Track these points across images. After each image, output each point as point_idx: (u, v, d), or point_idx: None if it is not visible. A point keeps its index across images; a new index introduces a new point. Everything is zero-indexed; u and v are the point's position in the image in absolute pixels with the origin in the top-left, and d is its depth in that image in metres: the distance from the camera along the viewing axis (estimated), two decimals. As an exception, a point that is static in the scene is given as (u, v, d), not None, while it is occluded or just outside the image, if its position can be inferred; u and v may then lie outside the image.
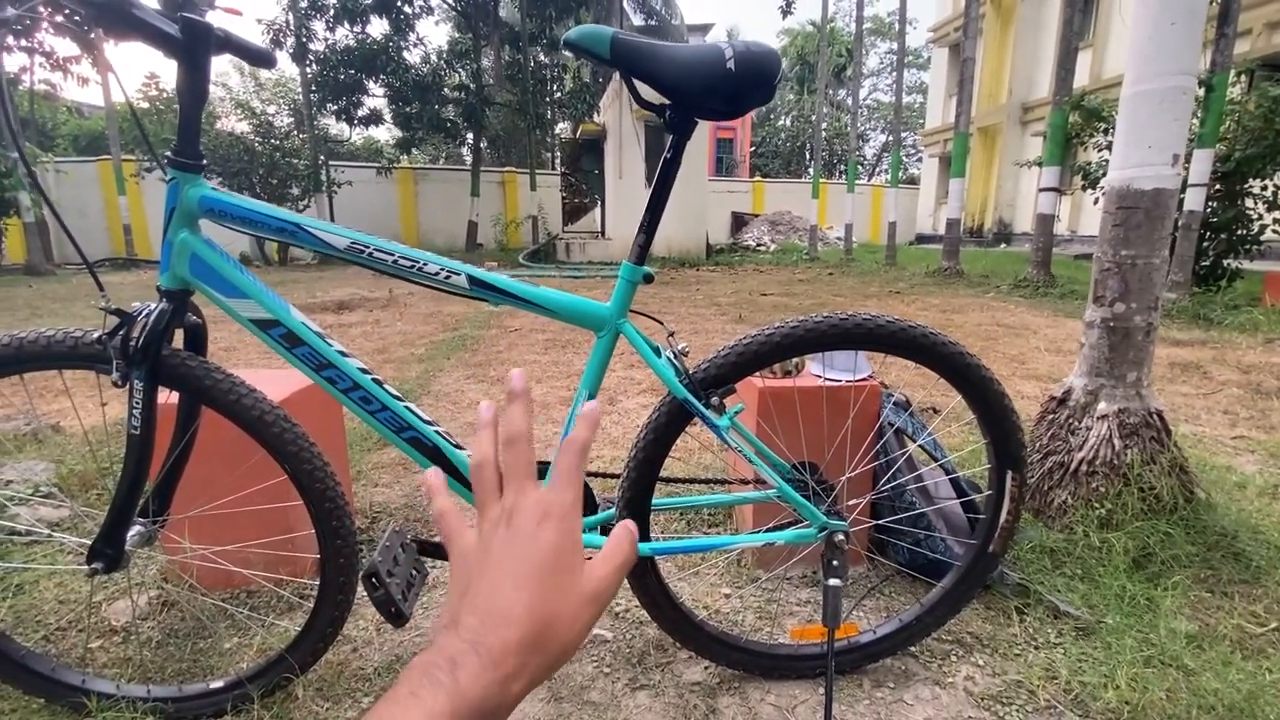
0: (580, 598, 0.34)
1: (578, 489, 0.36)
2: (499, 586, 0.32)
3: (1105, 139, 7.05)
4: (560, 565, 0.34)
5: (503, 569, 0.33)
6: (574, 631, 0.33)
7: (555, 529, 0.34)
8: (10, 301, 6.85)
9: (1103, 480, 1.58)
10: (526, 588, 0.32)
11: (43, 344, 0.92)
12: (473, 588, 0.33)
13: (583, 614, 0.34)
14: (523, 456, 0.36)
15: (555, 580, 0.33)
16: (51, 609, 1.41)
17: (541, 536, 0.34)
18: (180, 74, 0.84)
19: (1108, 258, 1.61)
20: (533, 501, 0.35)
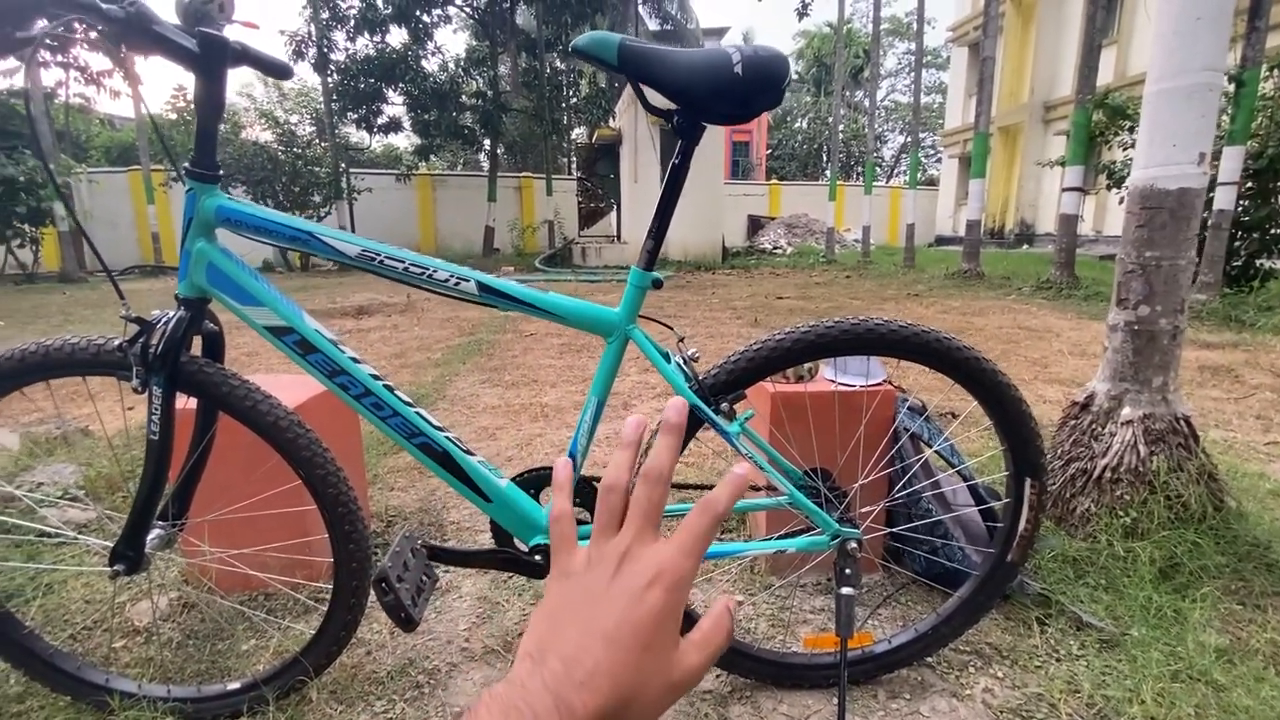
0: (665, 682, 0.31)
1: (699, 559, 0.33)
2: (591, 639, 0.30)
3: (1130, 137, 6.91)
4: (658, 640, 0.31)
5: (600, 622, 0.31)
6: (649, 715, 0.31)
7: (663, 598, 0.31)
8: (45, 308, 7.05)
9: (1127, 488, 1.54)
10: (619, 654, 0.30)
11: (67, 351, 0.94)
12: (565, 624, 0.31)
13: (662, 700, 0.31)
14: (656, 498, 0.34)
15: (648, 655, 0.30)
16: (78, 609, 1.45)
17: (647, 600, 0.31)
18: (198, 87, 0.86)
19: (1131, 259, 1.58)
20: (650, 554, 0.32)
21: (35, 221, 10.58)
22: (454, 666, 1.26)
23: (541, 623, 0.32)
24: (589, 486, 1.10)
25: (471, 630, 1.37)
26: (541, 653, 0.31)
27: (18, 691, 1.18)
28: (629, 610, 0.31)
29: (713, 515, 0.34)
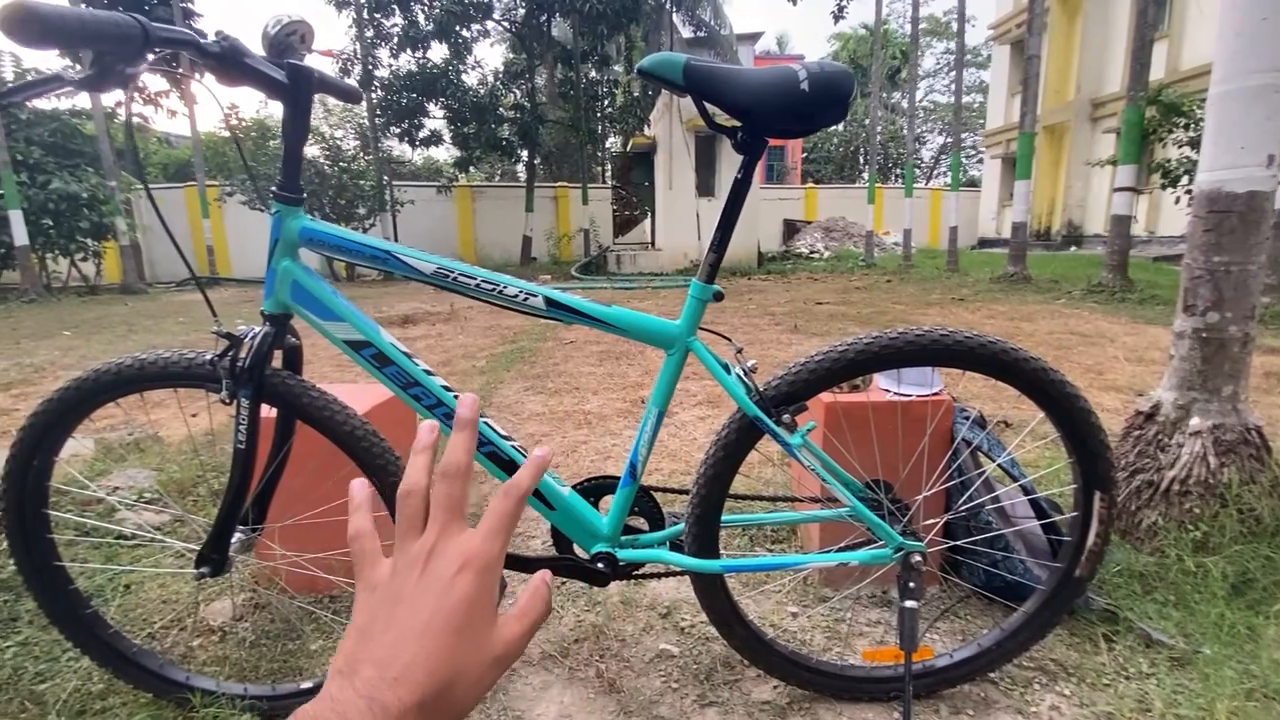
0: (486, 659, 0.32)
1: (505, 539, 0.34)
2: (403, 639, 0.30)
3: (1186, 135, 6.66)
4: (471, 623, 0.32)
5: (411, 619, 0.31)
6: (473, 694, 0.31)
7: (473, 581, 0.32)
8: (109, 319, 7.42)
9: (1197, 501, 1.49)
10: (432, 645, 0.30)
11: (161, 365, 1.00)
12: (376, 633, 0.31)
13: (485, 677, 0.32)
14: (456, 493, 0.34)
15: (463, 639, 0.31)
16: (155, 609, 1.52)
17: (456, 587, 0.32)
18: (286, 115, 0.91)
19: (1198, 264, 1.53)
20: (454, 546, 0.33)
21: (98, 236, 11.16)
22: (513, 671, 1.29)
23: (350, 639, 0.32)
24: (649, 496, 1.12)
25: (528, 635, 1.40)
26: (352, 665, 0.31)
27: (101, 689, 1.25)
28: (439, 600, 0.31)
29: (515, 497, 0.35)
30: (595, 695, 1.22)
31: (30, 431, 1.03)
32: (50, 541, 1.13)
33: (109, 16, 0.72)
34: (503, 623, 0.34)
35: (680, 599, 1.50)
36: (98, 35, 0.70)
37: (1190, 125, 6.74)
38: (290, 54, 0.94)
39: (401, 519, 0.35)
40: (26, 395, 3.68)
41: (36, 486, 1.08)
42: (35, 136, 10.48)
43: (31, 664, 1.30)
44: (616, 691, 1.22)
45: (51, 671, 1.28)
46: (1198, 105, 6.89)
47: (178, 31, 0.79)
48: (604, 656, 1.32)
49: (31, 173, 10.07)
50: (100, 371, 1.03)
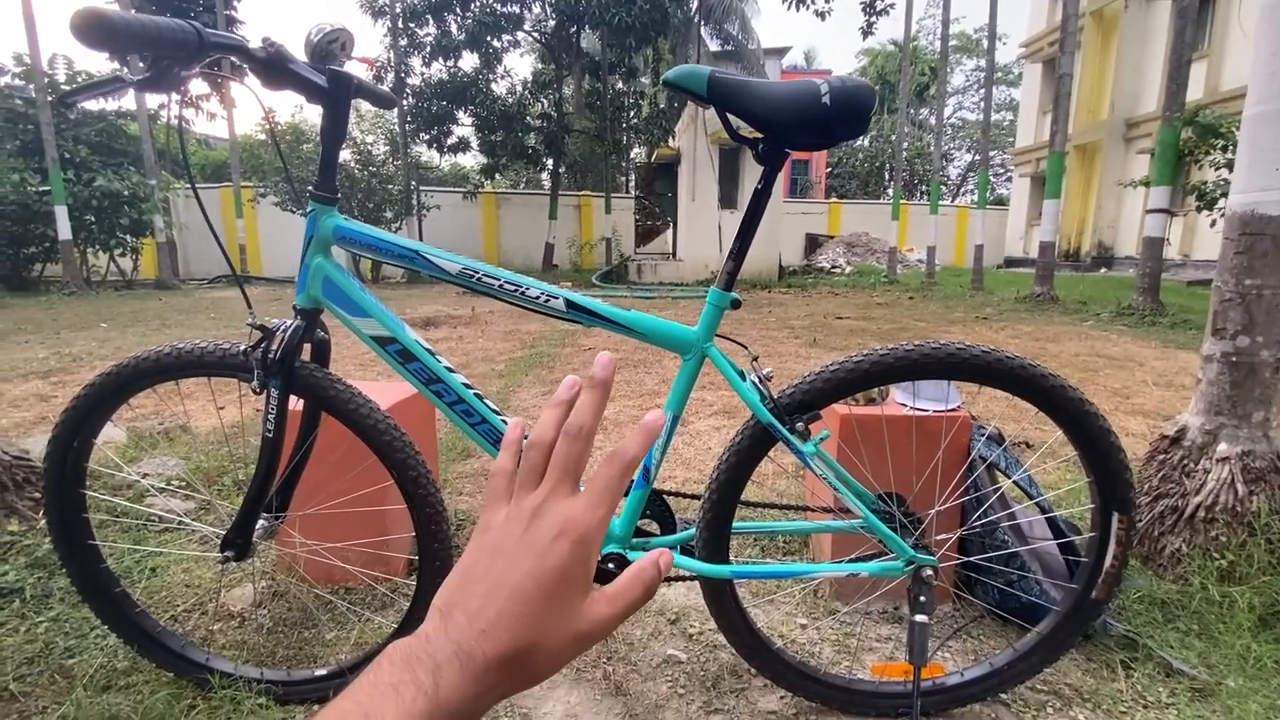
0: (571, 633, 0.32)
1: (609, 508, 0.33)
2: (497, 590, 0.31)
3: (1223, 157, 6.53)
4: (562, 592, 0.31)
5: (505, 574, 0.31)
6: (552, 665, 0.32)
7: (569, 550, 0.32)
8: (143, 313, 7.64)
9: (1223, 528, 1.45)
10: (520, 605, 0.31)
11: (197, 354, 1.04)
12: (474, 579, 0.32)
13: (567, 650, 0.32)
14: (574, 453, 0.34)
15: (552, 606, 0.31)
16: (179, 592, 1.57)
17: (553, 553, 0.32)
18: (325, 119, 0.94)
19: (1229, 287, 1.50)
20: (559, 509, 0.33)
21: (136, 233, 11.51)
22: (521, 669, 1.30)
23: (454, 579, 0.33)
24: (661, 500, 1.13)
25: (538, 635, 1.41)
26: (449, 607, 0.31)
27: (125, 666, 1.29)
28: (535, 562, 0.31)
29: (621, 464, 0.34)
30: (602, 697, 1.23)
31: (73, 414, 1.08)
32: (85, 521, 1.17)
33: (168, 23, 0.76)
34: (594, 599, 0.33)
35: (689, 605, 1.51)
36: (158, 40, 0.75)
37: (1228, 147, 6.61)
38: (331, 60, 0.98)
39: (523, 470, 0.35)
40: (65, 383, 3.81)
41: (75, 467, 1.12)
42: (82, 136, 10.88)
43: (62, 639, 1.34)
44: (623, 694, 1.23)
45: (80, 647, 1.33)
46: (1235, 127, 6.75)
47: (229, 38, 0.83)
48: (611, 659, 1.33)
49: (77, 170, 10.44)
50: (140, 359, 1.07)
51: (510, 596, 0.31)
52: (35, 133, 9.91)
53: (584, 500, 0.33)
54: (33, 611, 1.43)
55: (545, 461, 0.35)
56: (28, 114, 10.20)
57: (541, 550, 0.32)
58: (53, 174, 9.57)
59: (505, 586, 0.31)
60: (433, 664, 0.29)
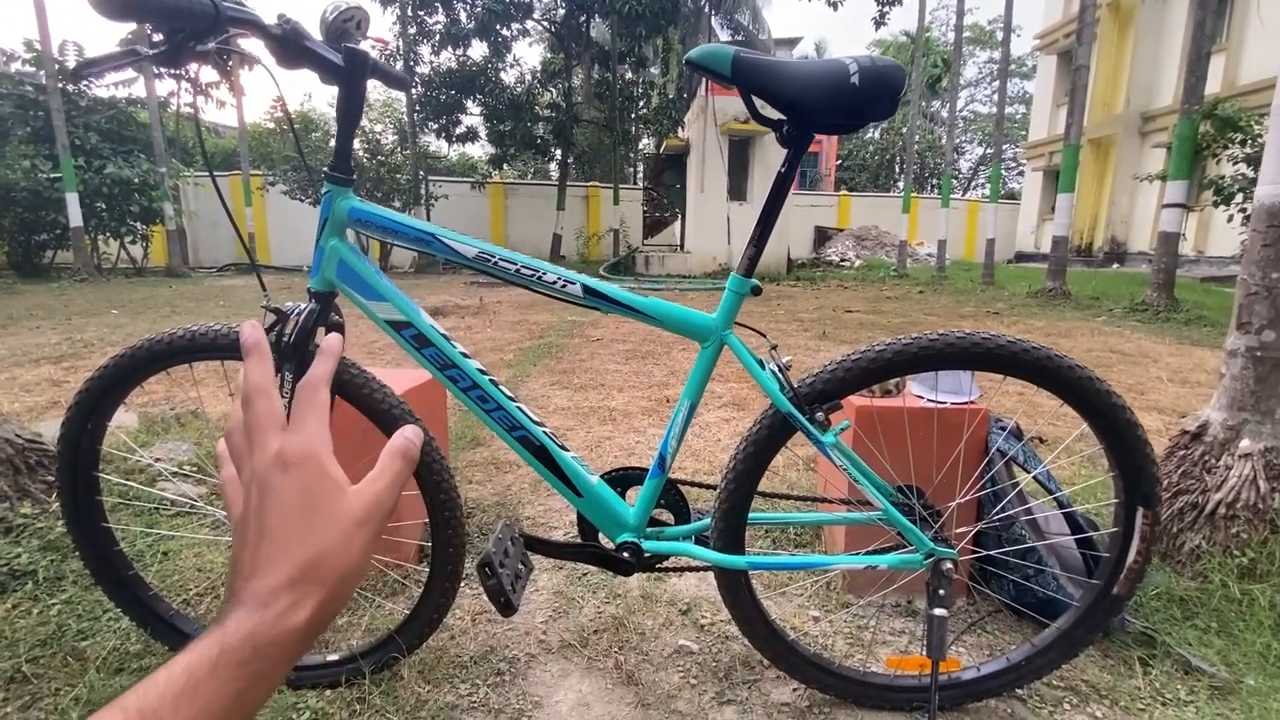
0: (346, 525, 0.34)
1: (315, 426, 0.36)
2: (257, 548, 0.33)
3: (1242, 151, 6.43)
4: (311, 504, 0.34)
5: (259, 532, 0.33)
6: (349, 556, 0.34)
7: (297, 475, 0.34)
8: (153, 300, 7.68)
9: (1244, 525, 1.43)
10: (279, 537, 0.33)
11: (211, 337, 1.04)
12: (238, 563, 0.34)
13: (354, 539, 0.34)
14: (261, 412, 0.36)
15: (309, 519, 0.33)
16: (190, 575, 1.57)
17: (285, 486, 0.34)
18: (340, 98, 0.93)
19: (1255, 280, 1.47)
20: (272, 457, 0.35)
21: (146, 220, 11.56)
22: (532, 657, 1.30)
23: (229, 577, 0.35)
24: (676, 489, 1.12)
25: (548, 623, 1.41)
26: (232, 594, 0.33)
27: (138, 649, 1.29)
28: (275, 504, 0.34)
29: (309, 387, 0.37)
30: (613, 686, 1.22)
31: (86, 396, 1.07)
32: (99, 503, 1.17)
33: (185, -5, 0.74)
34: (358, 489, 0.36)
35: (700, 596, 1.50)
36: (175, 11, 0.73)
37: (1247, 141, 6.50)
38: (346, 39, 0.96)
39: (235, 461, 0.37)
40: (76, 368, 3.83)
41: (88, 450, 1.12)
42: (93, 123, 10.90)
43: (75, 622, 1.35)
44: (635, 684, 1.23)
45: (93, 630, 1.33)
46: (1255, 120, 6.65)
47: (246, 12, 0.82)
48: (623, 649, 1.32)
49: (88, 157, 10.47)
50: (154, 341, 1.07)
51: (268, 539, 0.33)
52: (46, 119, 9.94)
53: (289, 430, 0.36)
54: (45, 594, 1.43)
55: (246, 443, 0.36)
56: (38, 100, 10.23)
57: (274, 491, 0.34)
58: (63, 160, 9.61)
59: (261, 539, 0.33)
60: (219, 618, 0.31)
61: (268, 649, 0.31)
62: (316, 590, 0.33)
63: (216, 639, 0.30)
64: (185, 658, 0.30)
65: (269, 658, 0.31)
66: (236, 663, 0.30)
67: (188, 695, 0.28)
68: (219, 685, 0.29)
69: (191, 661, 0.29)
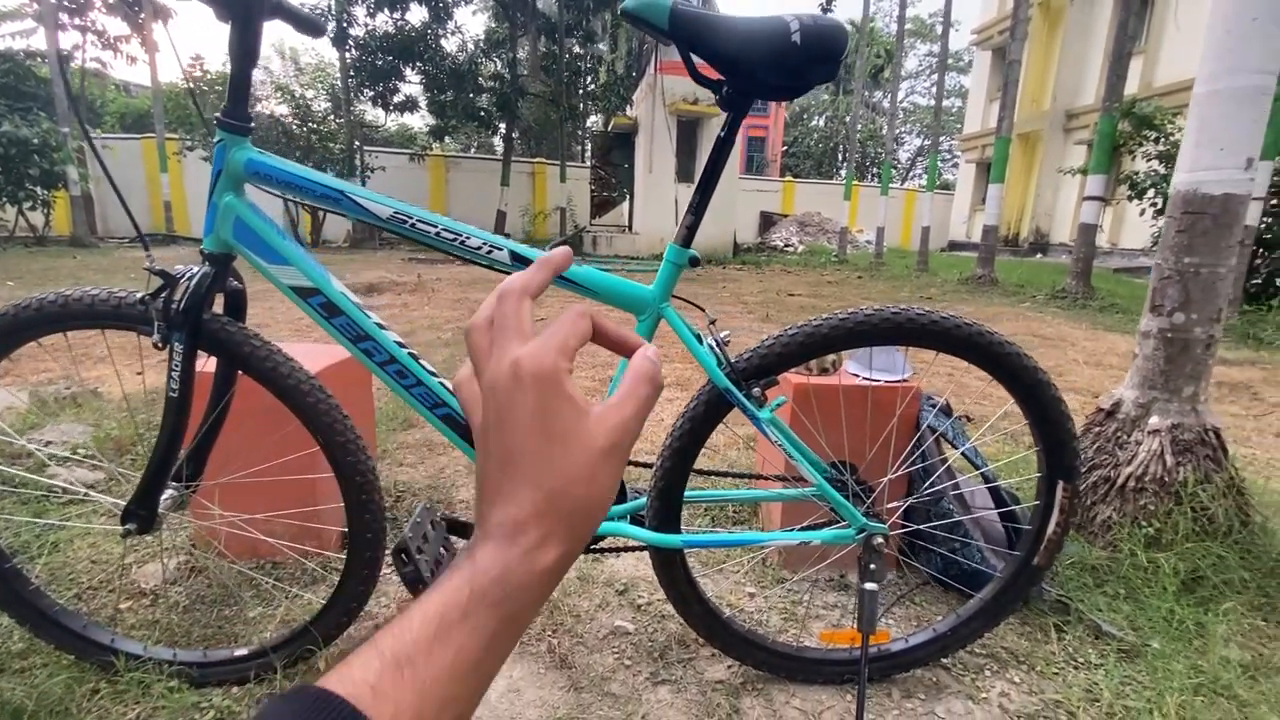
0: (590, 452, 0.30)
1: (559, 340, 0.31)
2: (492, 469, 0.31)
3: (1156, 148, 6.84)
4: (551, 426, 0.30)
5: (495, 450, 0.31)
6: (595, 488, 0.30)
7: (532, 389, 0.30)
8: (56, 271, 7.05)
9: (1152, 498, 1.51)
10: (518, 461, 0.30)
11: (87, 303, 0.92)
12: (479, 477, 0.32)
13: (600, 469, 0.31)
14: (509, 313, 0.32)
15: (552, 442, 0.30)
16: (84, 568, 1.44)
17: (520, 403, 0.30)
18: (232, 34, 0.83)
19: (1169, 265, 1.54)
20: (508, 366, 0.31)
21: (47, 184, 10.58)
22: (462, 644, 1.25)
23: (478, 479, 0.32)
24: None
25: (480, 609, 1.35)
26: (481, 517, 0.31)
27: (21, 648, 1.17)
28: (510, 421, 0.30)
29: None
30: (545, 670, 1.18)
31: (-65, 369, 0.94)
32: (-41, 491, 1.04)
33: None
34: (601, 413, 0.31)
35: (638, 576, 1.47)
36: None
37: (1161, 139, 6.92)
38: (243, -30, 0.86)
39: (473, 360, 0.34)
40: (-43, 344, 3.46)
41: (-57, 430, 0.99)
42: (-18, 75, 9.85)
43: (-58, 622, 1.21)
44: (568, 667, 1.19)
45: (-37, 630, 1.19)
46: (1169, 120, 7.07)
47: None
48: (557, 631, 1.29)
49: (-23, 113, 9.47)
50: (20, 307, 0.94)
51: (505, 462, 0.30)
52: (-76, 69, 8.92)
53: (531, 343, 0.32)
54: (-93, 591, 1.28)
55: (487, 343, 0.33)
56: (-85, 47, 9.16)
57: (508, 408, 0.30)
58: (-53, 116, 8.66)
59: (496, 459, 0.31)
60: (467, 552, 0.30)
61: (518, 591, 0.29)
62: (563, 526, 0.30)
63: (466, 578, 0.28)
64: (438, 597, 0.28)
65: (519, 600, 0.29)
66: (488, 605, 0.28)
67: (440, 640, 0.27)
68: (471, 630, 0.28)
69: (444, 603, 0.28)
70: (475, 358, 0.33)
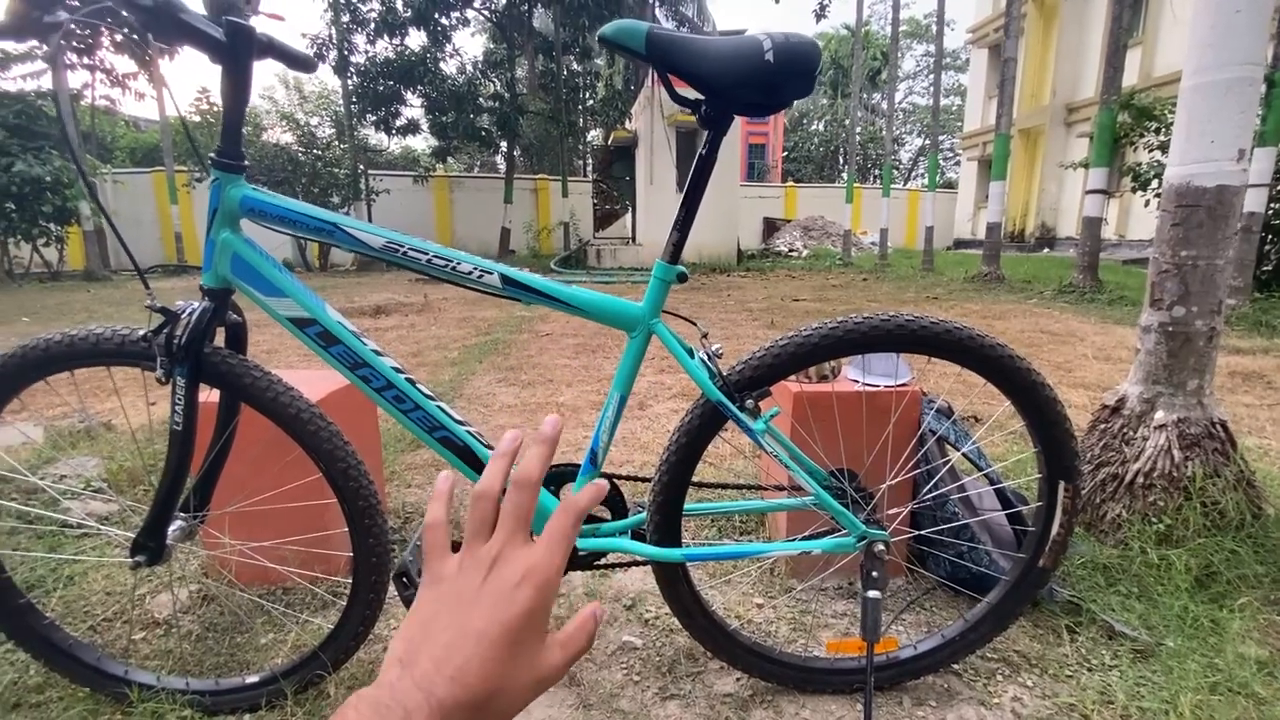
0: (532, 676, 0.33)
1: (565, 556, 0.35)
2: (462, 638, 0.32)
3: (1157, 139, 6.80)
4: (526, 635, 0.33)
5: (471, 622, 0.32)
6: (511, 710, 0.32)
7: (533, 596, 0.33)
8: (70, 305, 7.18)
9: (1161, 494, 1.50)
10: (488, 651, 0.32)
11: (92, 341, 0.94)
12: (437, 629, 0.32)
13: (527, 694, 0.33)
14: (525, 503, 0.35)
15: (516, 649, 0.32)
16: (99, 600, 1.46)
17: (517, 599, 0.33)
18: (224, 77, 0.85)
19: (1166, 259, 1.54)
20: (519, 557, 0.34)
21: (61, 220, 10.79)
22: (471, 664, 1.25)
23: (414, 629, 0.33)
24: (612, 484, 1.08)
25: (488, 628, 1.36)
26: (412, 656, 0.32)
27: (37, 682, 1.19)
28: (499, 609, 0.32)
29: (574, 513, 0.36)
30: (554, 688, 1.19)
31: (-51, 412, 0.97)
32: (-26, 529, 1.06)
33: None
34: (549, 645, 0.34)
35: (646, 590, 1.47)
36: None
37: (1161, 129, 6.88)
38: (234, 13, 0.88)
39: (472, 520, 0.36)
40: (-25, 382, 3.53)
41: (-43, 470, 1.01)
42: (-3, 117, 10.09)
43: (-40, 658, 1.23)
44: (576, 684, 1.19)
45: (-19, 666, 1.21)
46: (1169, 110, 7.03)
47: (99, -23, 0.73)
48: (565, 649, 1.29)
49: (-8, 154, 9.69)
50: (27, 348, 0.97)
51: (478, 642, 0.31)
52: (-60, 113, 9.15)
53: (543, 547, 0.34)
54: (-73, 629, 1.30)
55: (495, 512, 0.36)
56: (-69, 93, 9.40)
57: (506, 596, 0.33)
58: (-38, 158, 8.86)
59: (472, 633, 0.32)
60: (402, 711, 0.29)
61: None
62: None
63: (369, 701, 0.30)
64: None
65: None
66: None
67: None
68: None
69: None
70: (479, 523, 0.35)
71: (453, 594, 0.33)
